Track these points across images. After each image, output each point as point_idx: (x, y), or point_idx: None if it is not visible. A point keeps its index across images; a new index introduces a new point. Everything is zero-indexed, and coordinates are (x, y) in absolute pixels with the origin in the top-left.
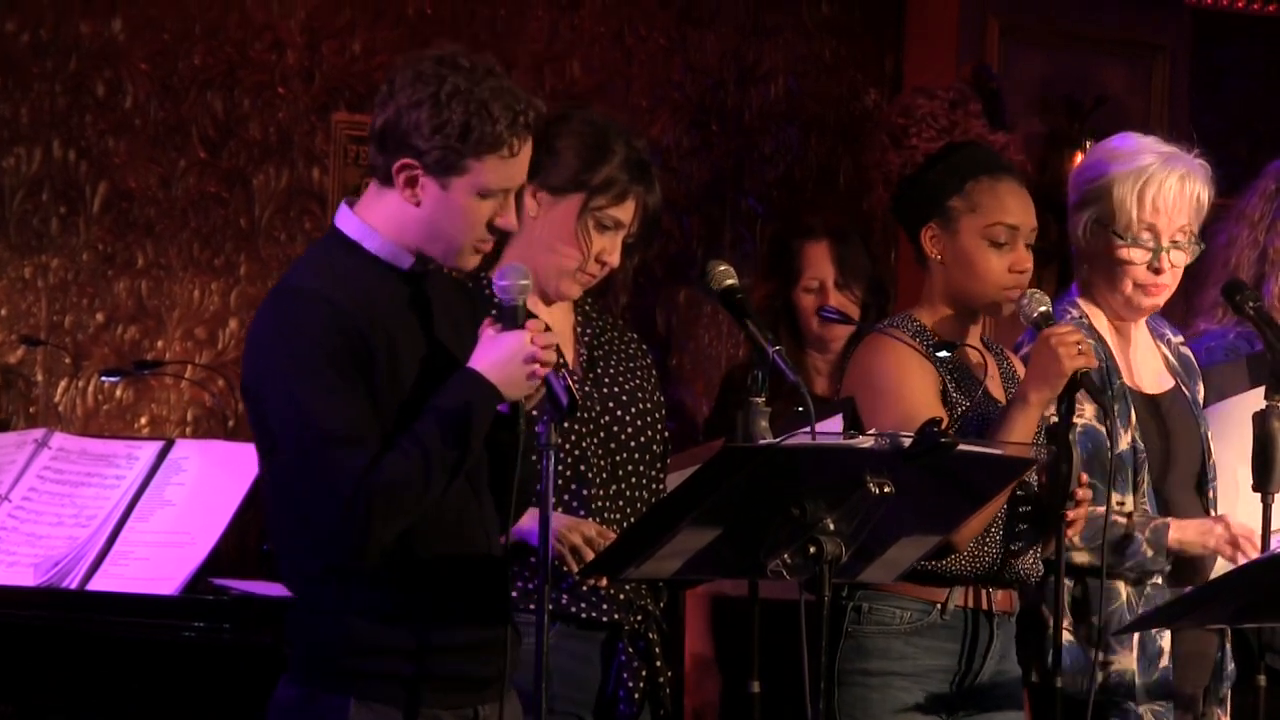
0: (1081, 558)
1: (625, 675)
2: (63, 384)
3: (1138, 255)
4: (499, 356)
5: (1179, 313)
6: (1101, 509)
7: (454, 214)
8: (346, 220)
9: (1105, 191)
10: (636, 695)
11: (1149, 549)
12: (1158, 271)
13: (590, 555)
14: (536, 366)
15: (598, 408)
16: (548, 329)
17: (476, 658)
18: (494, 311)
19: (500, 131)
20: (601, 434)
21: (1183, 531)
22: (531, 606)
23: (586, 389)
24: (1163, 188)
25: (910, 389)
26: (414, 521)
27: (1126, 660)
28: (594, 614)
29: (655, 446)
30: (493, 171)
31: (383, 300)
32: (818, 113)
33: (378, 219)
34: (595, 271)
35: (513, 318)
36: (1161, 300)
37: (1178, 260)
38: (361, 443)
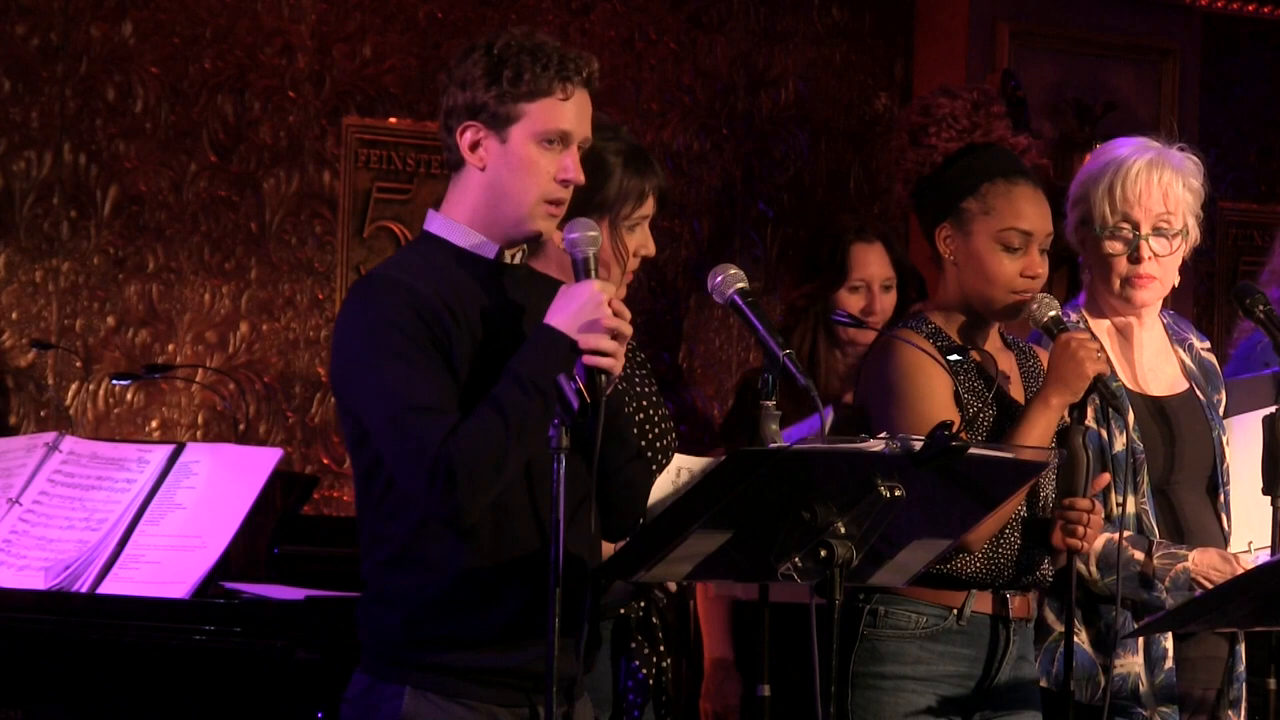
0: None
1: (636, 662)
2: (73, 387)
3: (1116, 247)
4: (572, 307)
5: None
6: (1116, 535)
7: (515, 166)
8: (431, 220)
9: (1083, 192)
10: (650, 682)
11: (1167, 596)
12: (1137, 261)
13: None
14: (610, 316)
15: None
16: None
17: (538, 656)
18: None
19: (551, 75)
20: None
21: (1200, 567)
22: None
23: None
24: (1129, 177)
25: (924, 392)
26: (482, 515)
27: (1132, 664)
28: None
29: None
30: (547, 114)
31: (467, 289)
32: (828, 117)
33: (457, 208)
34: (635, 267)
35: (585, 269)
36: (1152, 293)
37: (1160, 248)
38: (443, 412)
